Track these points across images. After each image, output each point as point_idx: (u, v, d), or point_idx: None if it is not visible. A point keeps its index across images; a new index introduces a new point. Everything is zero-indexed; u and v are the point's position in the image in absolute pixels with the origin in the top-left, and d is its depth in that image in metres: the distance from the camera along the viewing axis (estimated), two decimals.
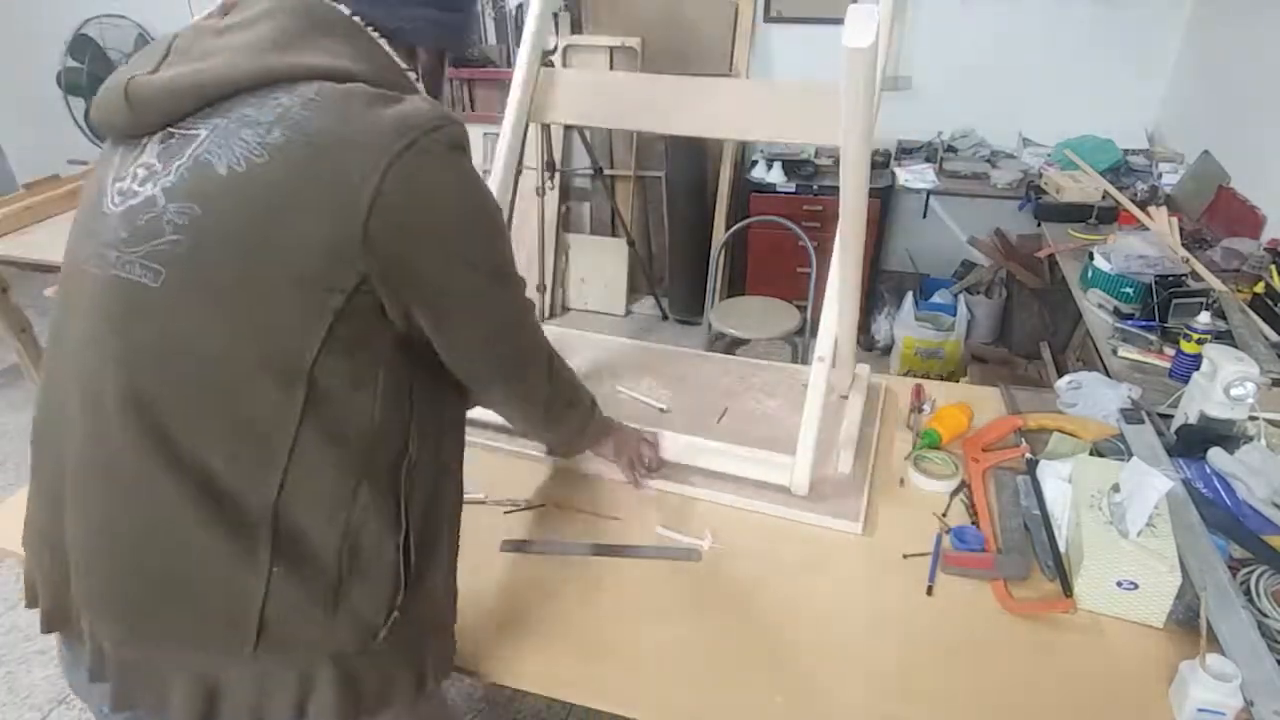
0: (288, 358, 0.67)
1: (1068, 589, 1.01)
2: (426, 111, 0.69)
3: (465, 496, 0.87)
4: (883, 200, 3.09)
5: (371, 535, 0.73)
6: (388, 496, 0.74)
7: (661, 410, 1.37)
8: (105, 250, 0.69)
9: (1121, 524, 0.99)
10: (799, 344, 2.68)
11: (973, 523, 1.13)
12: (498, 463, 1.27)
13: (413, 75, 0.79)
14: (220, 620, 0.70)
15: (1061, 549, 1.07)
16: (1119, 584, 0.95)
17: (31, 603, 0.81)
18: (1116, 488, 1.05)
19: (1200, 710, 0.83)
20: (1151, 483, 0.99)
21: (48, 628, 0.79)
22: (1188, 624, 0.95)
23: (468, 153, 0.72)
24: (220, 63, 0.69)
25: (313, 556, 0.70)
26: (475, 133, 3.79)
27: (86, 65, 3.68)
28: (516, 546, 1.11)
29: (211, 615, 0.70)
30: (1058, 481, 1.15)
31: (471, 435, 0.90)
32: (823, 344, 1.18)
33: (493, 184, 1.35)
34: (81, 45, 3.68)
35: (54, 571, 0.75)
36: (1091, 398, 1.35)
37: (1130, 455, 1.19)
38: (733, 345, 2.62)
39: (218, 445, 0.68)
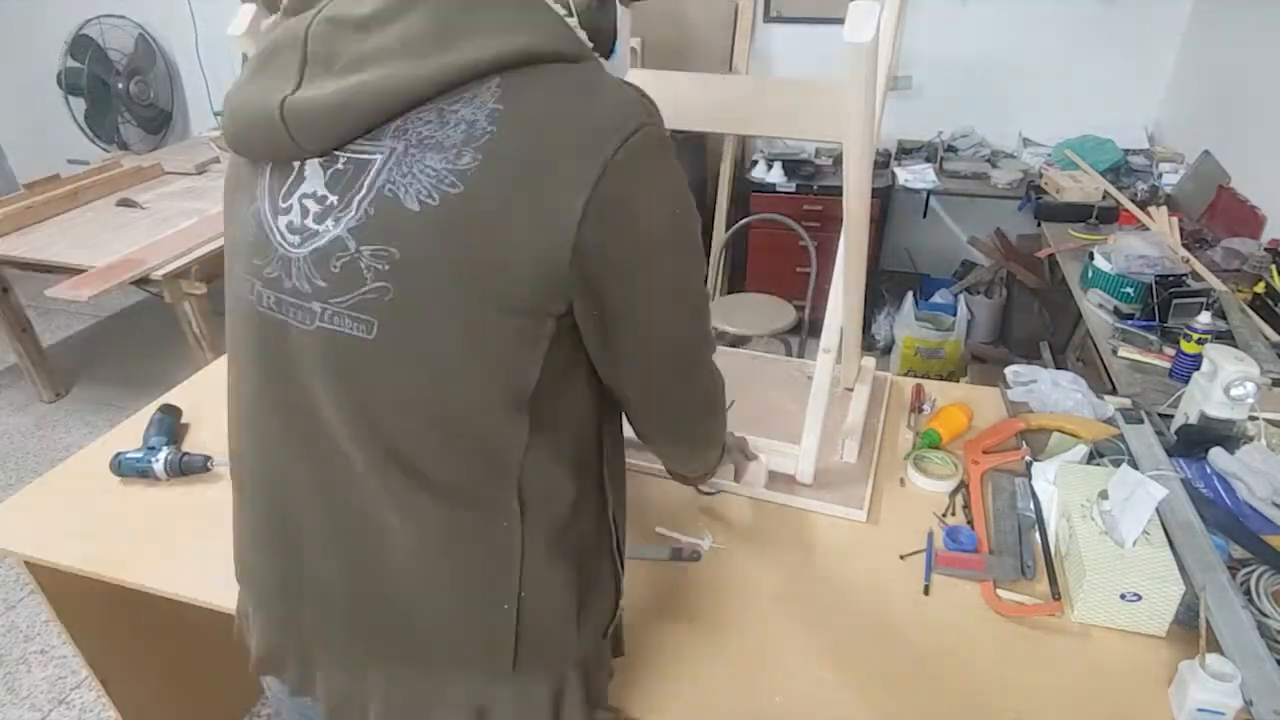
0: (513, 391, 0.63)
1: (1056, 592, 1.01)
2: (630, 100, 0.60)
3: None
4: (883, 200, 3.09)
5: (590, 541, 0.75)
6: (602, 508, 0.76)
7: None
8: (302, 301, 0.63)
9: (1115, 533, 0.99)
10: (793, 343, 2.68)
11: (969, 523, 1.13)
12: None
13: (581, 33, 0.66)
14: (479, 644, 0.70)
15: (1052, 550, 1.07)
16: (1122, 596, 0.95)
17: (259, 648, 0.80)
18: (1104, 494, 1.05)
19: (1200, 710, 0.83)
20: (1146, 490, 0.99)
21: (264, 670, 0.80)
22: (1188, 624, 0.95)
23: (671, 148, 0.63)
24: (384, 76, 0.58)
25: (554, 573, 0.71)
26: None
27: (86, 65, 3.67)
28: None
29: (471, 640, 0.70)
30: (1046, 484, 1.16)
31: None
32: (828, 337, 1.20)
33: None
34: (81, 45, 3.68)
35: (286, 616, 0.76)
36: (1041, 396, 1.37)
37: (1130, 456, 1.20)
38: (730, 343, 2.62)
39: (463, 477, 0.66)
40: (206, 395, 1.48)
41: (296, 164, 0.63)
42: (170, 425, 1.34)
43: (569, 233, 0.57)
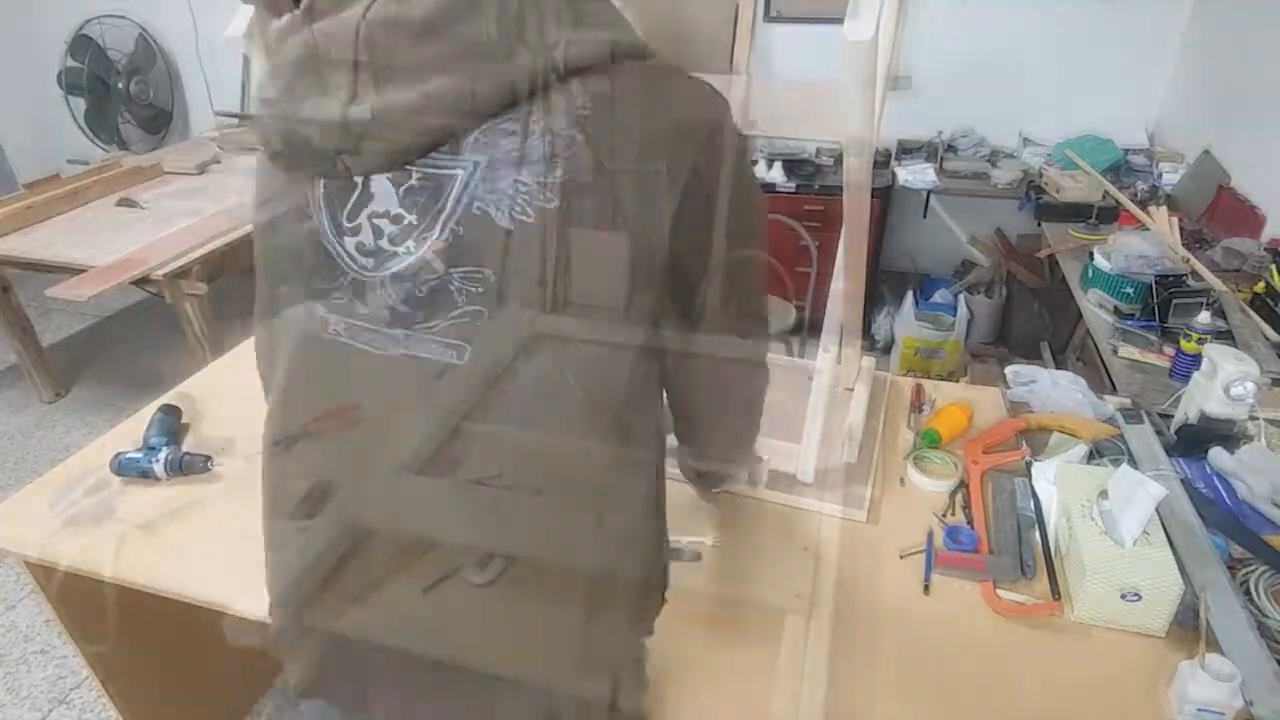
0: (604, 402, 0.62)
1: (1056, 592, 1.01)
2: (705, 96, 0.60)
3: None
4: (883, 200, 3.09)
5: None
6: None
7: None
8: (378, 327, 0.60)
9: (1115, 533, 0.99)
10: (793, 343, 2.68)
11: (969, 523, 1.14)
12: None
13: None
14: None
15: (1052, 549, 1.07)
16: (1122, 595, 0.95)
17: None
18: (1104, 494, 1.05)
19: (1200, 710, 0.83)
20: (1146, 490, 0.99)
21: (314, 693, 0.71)
22: (1188, 624, 0.95)
23: (741, 139, 0.63)
24: (457, 85, 0.54)
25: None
26: None
27: (86, 65, 3.67)
28: None
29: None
30: (1046, 483, 1.16)
31: None
32: (828, 337, 1.20)
33: None
34: (81, 45, 3.68)
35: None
36: (1041, 396, 1.37)
37: (1130, 455, 1.20)
38: None
39: (556, 495, 0.63)
40: (206, 395, 1.48)
41: (359, 180, 0.58)
42: (170, 425, 1.34)
43: (662, 234, 0.58)
